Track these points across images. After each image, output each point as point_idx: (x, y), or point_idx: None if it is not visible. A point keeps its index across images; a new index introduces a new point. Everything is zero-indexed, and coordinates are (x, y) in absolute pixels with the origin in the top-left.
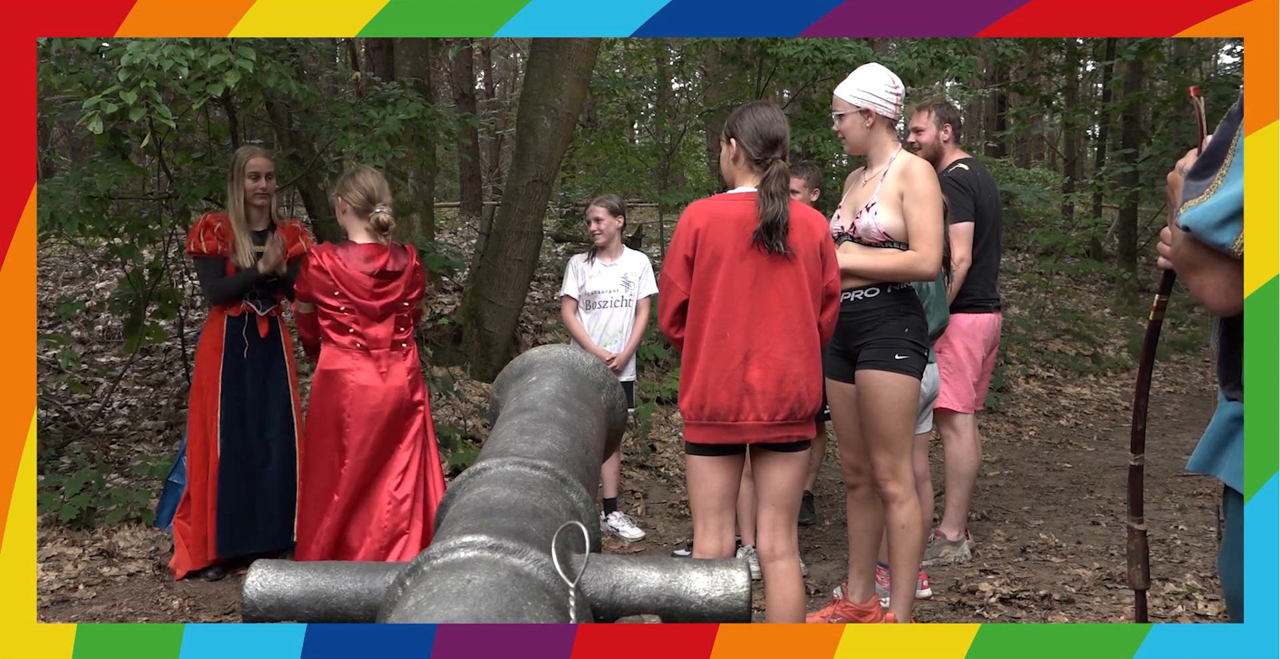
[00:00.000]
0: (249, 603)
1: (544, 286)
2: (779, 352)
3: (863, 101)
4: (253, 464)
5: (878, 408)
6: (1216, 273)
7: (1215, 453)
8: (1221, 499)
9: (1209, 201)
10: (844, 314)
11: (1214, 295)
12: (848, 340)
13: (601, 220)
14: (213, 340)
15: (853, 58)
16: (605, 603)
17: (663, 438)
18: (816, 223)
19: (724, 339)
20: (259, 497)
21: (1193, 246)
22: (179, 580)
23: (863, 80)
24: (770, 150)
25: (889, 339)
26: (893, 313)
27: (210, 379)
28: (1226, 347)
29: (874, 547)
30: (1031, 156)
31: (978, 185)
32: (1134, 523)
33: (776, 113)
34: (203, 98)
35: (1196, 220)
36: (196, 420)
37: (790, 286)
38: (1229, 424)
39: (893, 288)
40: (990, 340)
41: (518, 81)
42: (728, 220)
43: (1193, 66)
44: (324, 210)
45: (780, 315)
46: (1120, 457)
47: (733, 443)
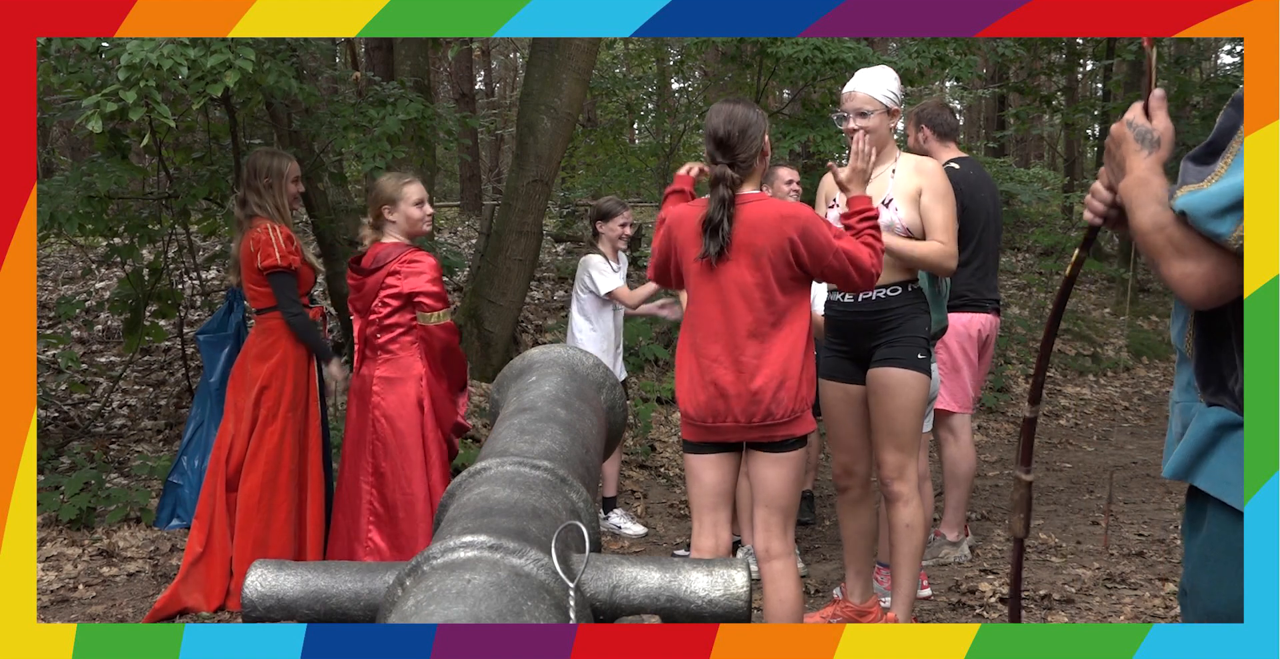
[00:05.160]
0: (249, 603)
1: (544, 286)
2: (748, 354)
3: (890, 101)
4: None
5: (895, 406)
6: (1204, 262)
7: (1197, 459)
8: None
9: (1210, 189)
10: (864, 312)
11: (1195, 285)
12: (862, 340)
13: (627, 225)
14: (301, 350)
15: (853, 58)
16: (605, 603)
17: (663, 438)
18: (789, 219)
19: (697, 342)
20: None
21: (1185, 232)
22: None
23: (888, 80)
24: (718, 149)
25: (911, 338)
26: (913, 311)
27: (302, 391)
28: (1204, 348)
29: (870, 547)
30: (1031, 156)
31: (968, 185)
32: (1021, 473)
33: (734, 108)
34: (202, 97)
35: (1195, 207)
36: (283, 440)
37: (755, 288)
38: (1213, 432)
39: (912, 286)
40: (984, 341)
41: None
42: (689, 222)
43: (1193, 66)
44: (324, 210)
45: (747, 317)
46: (1121, 457)
47: (717, 442)
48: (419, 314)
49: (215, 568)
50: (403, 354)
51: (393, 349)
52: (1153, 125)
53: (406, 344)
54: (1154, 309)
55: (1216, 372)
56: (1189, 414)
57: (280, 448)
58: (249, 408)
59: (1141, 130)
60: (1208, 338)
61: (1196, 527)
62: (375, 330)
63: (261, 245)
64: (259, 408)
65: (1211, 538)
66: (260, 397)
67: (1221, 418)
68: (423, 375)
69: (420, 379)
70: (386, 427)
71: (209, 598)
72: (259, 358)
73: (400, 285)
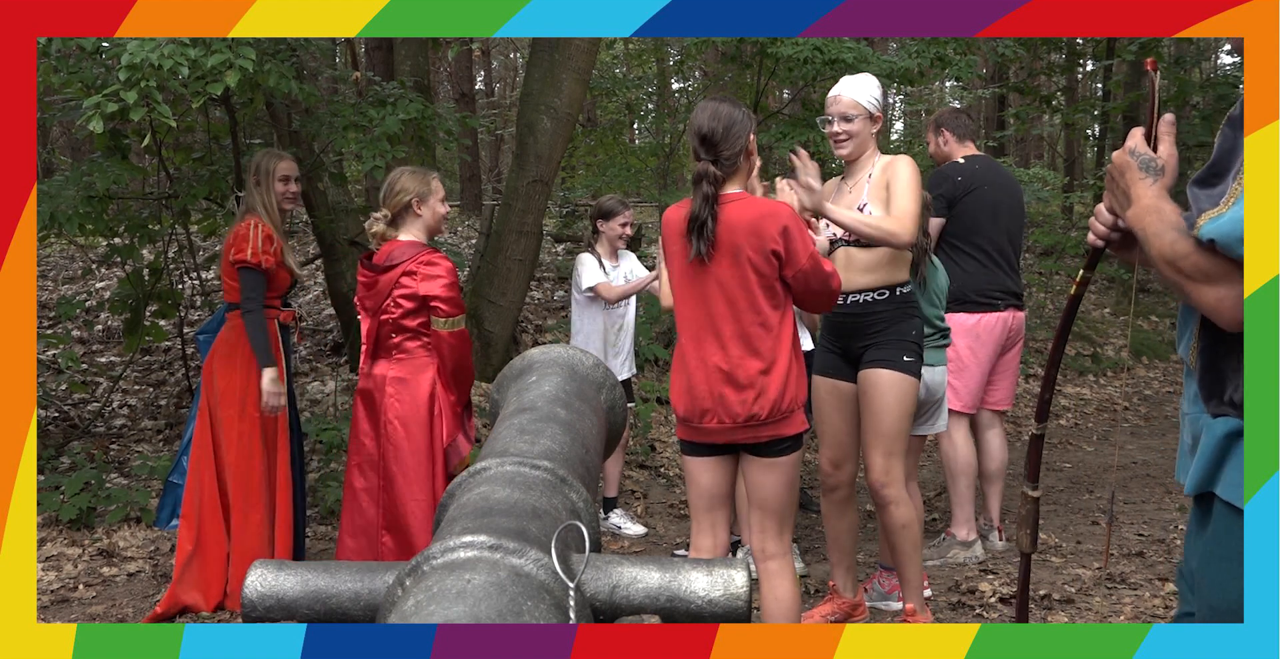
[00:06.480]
0: (249, 603)
1: (544, 286)
2: (734, 354)
3: (873, 107)
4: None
5: (882, 407)
6: (1236, 286)
7: (1214, 471)
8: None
9: (1233, 214)
10: (851, 315)
11: (1232, 309)
12: (851, 340)
13: (627, 225)
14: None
15: (853, 58)
16: (605, 603)
17: (663, 438)
18: (770, 219)
19: (686, 342)
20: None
21: (1211, 259)
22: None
23: (872, 87)
24: (702, 146)
25: (898, 341)
26: (900, 315)
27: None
28: (1209, 360)
29: (854, 543)
30: (1031, 156)
31: (967, 179)
32: (1028, 489)
33: (719, 105)
34: (203, 97)
35: (1225, 234)
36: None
37: (739, 288)
38: (1223, 442)
39: (900, 290)
40: (1000, 339)
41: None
42: (676, 223)
43: (1193, 66)
44: (324, 210)
45: (733, 318)
46: (1121, 457)
47: (707, 443)
48: (432, 319)
49: (210, 565)
50: (417, 353)
51: (408, 348)
52: (1156, 153)
53: (420, 344)
54: (1154, 309)
55: (1219, 383)
56: (1198, 426)
57: (250, 447)
58: (218, 406)
59: (1145, 159)
60: (1214, 350)
61: (1203, 523)
62: (389, 330)
63: (238, 240)
64: (227, 407)
65: (1218, 535)
66: (227, 395)
67: (1229, 427)
68: (434, 378)
69: (433, 380)
70: (399, 430)
71: (207, 596)
72: (226, 356)
73: (416, 287)
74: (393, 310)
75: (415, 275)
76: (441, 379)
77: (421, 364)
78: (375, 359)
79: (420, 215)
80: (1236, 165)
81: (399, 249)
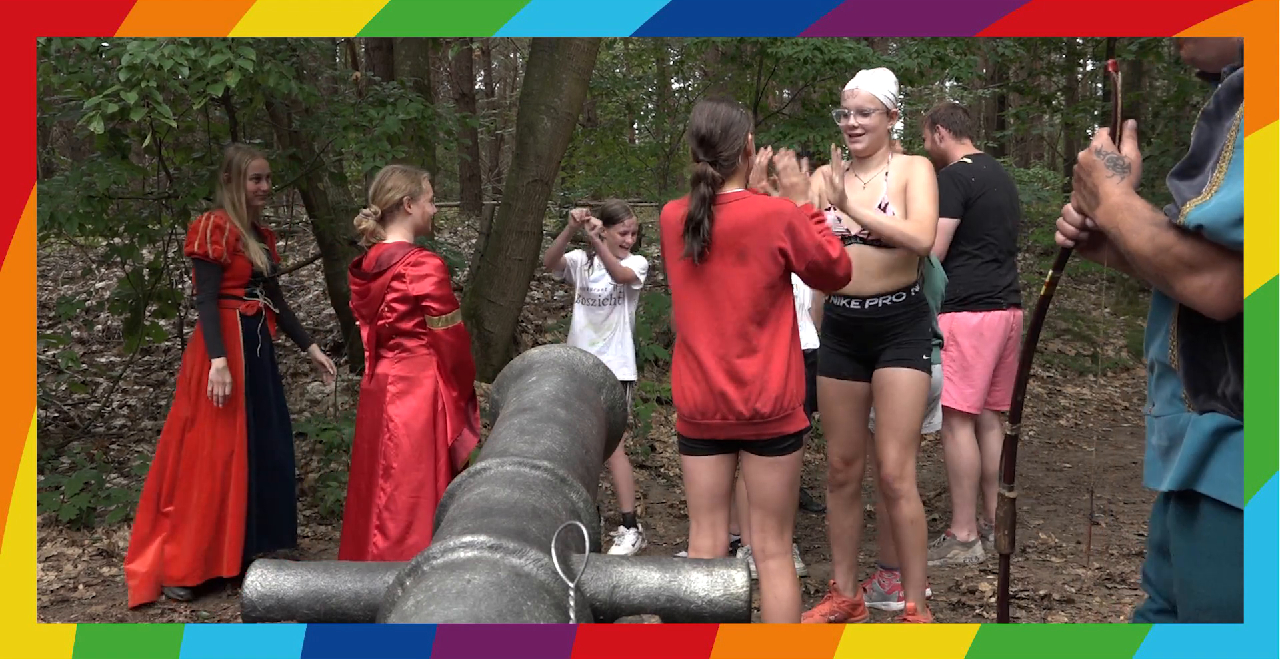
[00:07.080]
0: (249, 603)
1: (544, 286)
2: (734, 352)
3: (890, 103)
4: (272, 464)
5: (902, 405)
6: (1221, 273)
7: (1199, 467)
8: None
9: (1221, 199)
10: (869, 319)
11: (1217, 297)
12: (868, 343)
13: (628, 234)
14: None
15: (853, 58)
16: (605, 603)
17: (663, 438)
18: (774, 217)
19: (686, 340)
20: (279, 496)
21: (1194, 247)
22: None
23: (889, 82)
24: (700, 147)
25: (917, 341)
26: (918, 315)
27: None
28: (1191, 357)
29: (858, 541)
30: (1031, 156)
31: (979, 180)
32: (1005, 490)
33: (717, 106)
34: (203, 98)
35: (1212, 219)
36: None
37: (742, 288)
38: (1210, 437)
39: (914, 290)
40: (1003, 338)
41: (518, 81)
42: (673, 222)
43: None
44: (324, 210)
45: (733, 316)
46: (1121, 457)
47: (707, 439)
48: (427, 319)
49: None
50: (418, 351)
51: (409, 347)
52: (1122, 152)
53: (420, 343)
54: None
55: (1205, 378)
56: (1176, 426)
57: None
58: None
59: (1111, 157)
60: (1195, 347)
61: (1188, 524)
62: (388, 334)
63: (189, 232)
64: (182, 395)
65: (1208, 535)
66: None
67: (1217, 423)
68: (436, 375)
69: (435, 378)
70: (401, 428)
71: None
72: (192, 347)
73: (407, 289)
74: (388, 315)
75: (404, 278)
76: (442, 375)
77: (423, 362)
78: (377, 361)
79: (410, 214)
80: (1214, 156)
81: (386, 253)
